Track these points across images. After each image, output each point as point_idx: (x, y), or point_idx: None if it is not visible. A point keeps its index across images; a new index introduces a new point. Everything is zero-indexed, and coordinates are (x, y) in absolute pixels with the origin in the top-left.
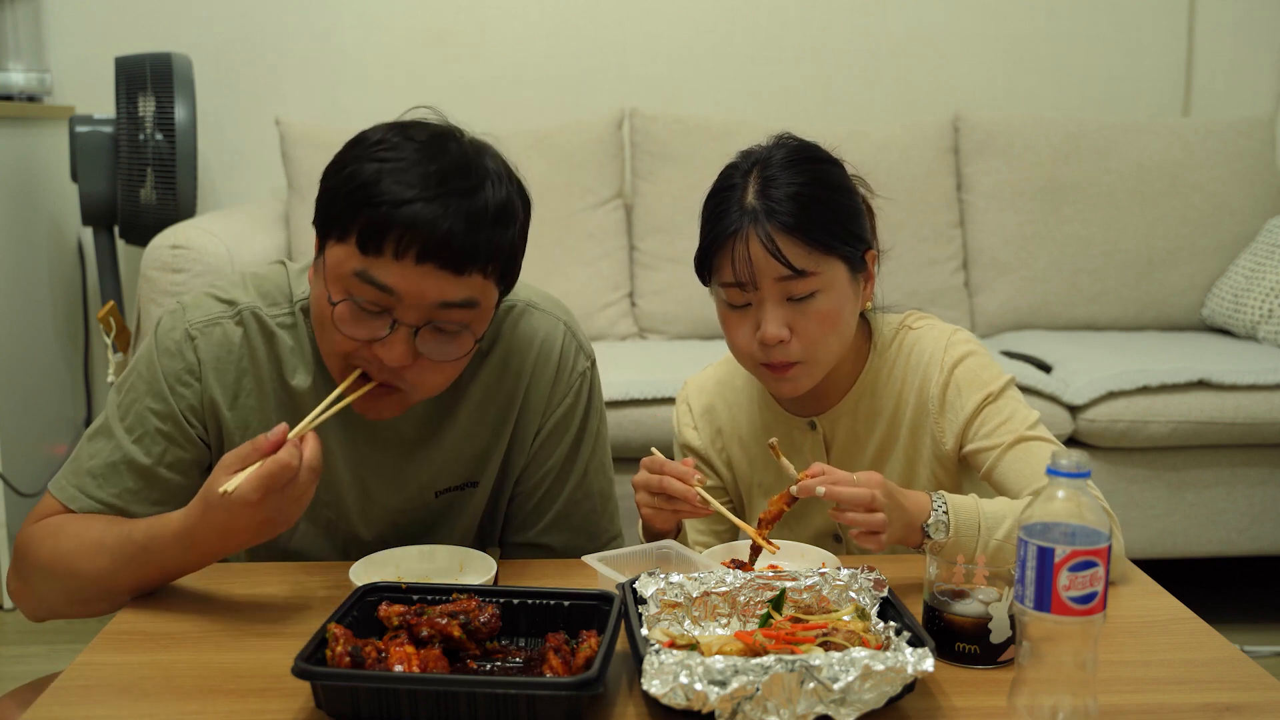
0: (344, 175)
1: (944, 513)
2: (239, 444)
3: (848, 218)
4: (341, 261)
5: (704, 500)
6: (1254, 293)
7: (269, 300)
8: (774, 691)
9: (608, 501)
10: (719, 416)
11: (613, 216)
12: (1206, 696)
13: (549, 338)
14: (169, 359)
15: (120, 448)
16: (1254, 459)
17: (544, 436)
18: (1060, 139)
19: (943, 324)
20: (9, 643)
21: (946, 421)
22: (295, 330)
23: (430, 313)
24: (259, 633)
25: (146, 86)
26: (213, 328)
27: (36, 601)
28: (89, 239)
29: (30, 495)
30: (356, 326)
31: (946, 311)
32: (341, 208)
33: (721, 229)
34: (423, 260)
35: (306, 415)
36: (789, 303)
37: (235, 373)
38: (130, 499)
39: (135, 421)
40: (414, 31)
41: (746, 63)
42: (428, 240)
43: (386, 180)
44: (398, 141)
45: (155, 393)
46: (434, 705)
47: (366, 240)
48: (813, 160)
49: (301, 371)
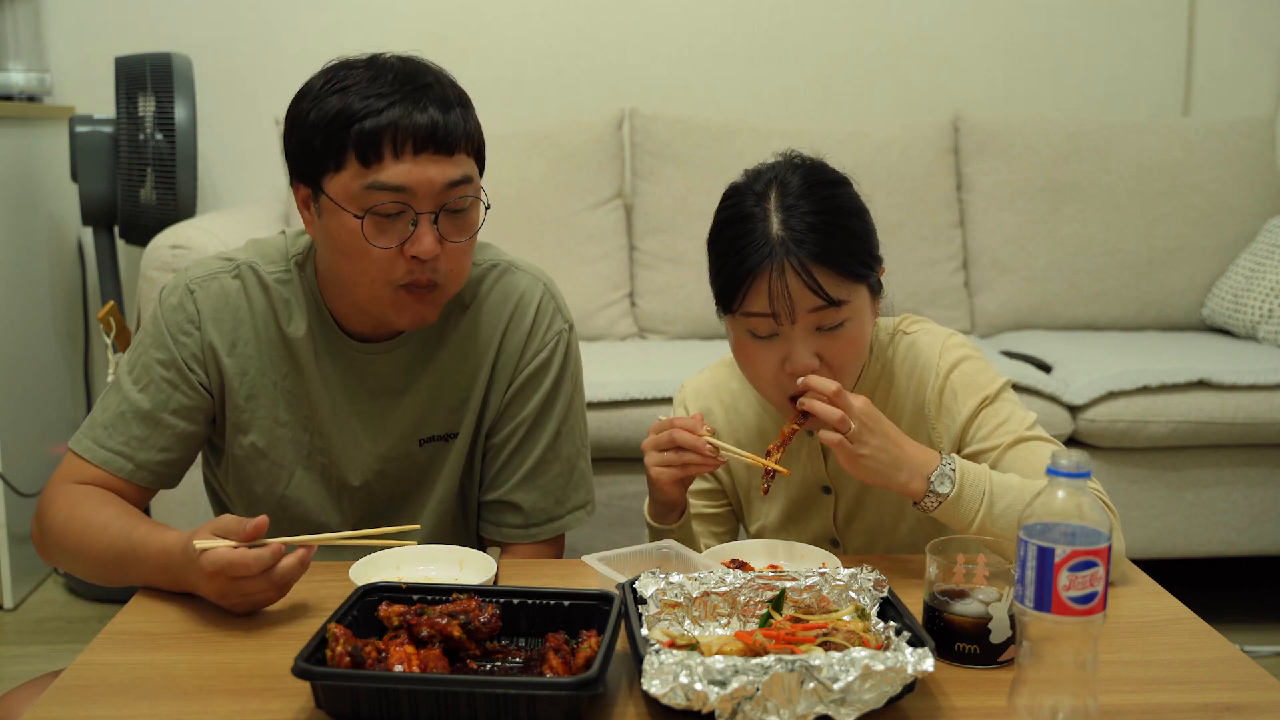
0: (311, 120)
1: (951, 469)
2: (238, 390)
3: (869, 241)
4: (347, 184)
5: (714, 449)
6: (1254, 293)
7: (267, 259)
8: (774, 691)
9: (576, 467)
10: (716, 419)
11: (613, 216)
12: (1206, 696)
13: (527, 294)
14: (171, 311)
15: (127, 398)
16: (1254, 459)
17: (516, 389)
18: (1060, 139)
19: (938, 328)
20: (9, 643)
21: (943, 425)
22: (291, 285)
23: (440, 197)
24: (259, 633)
25: (146, 86)
26: (210, 281)
27: (51, 556)
28: (89, 239)
29: (30, 495)
30: (384, 237)
31: (946, 312)
32: (326, 143)
33: (750, 261)
34: (420, 150)
35: (303, 364)
36: (817, 331)
37: (233, 322)
38: (138, 446)
39: (141, 372)
40: (414, 31)
41: (746, 63)
42: (417, 132)
43: (356, 101)
44: (343, 74)
45: (159, 343)
46: (434, 705)
47: (366, 153)
48: (829, 184)
49: (297, 319)
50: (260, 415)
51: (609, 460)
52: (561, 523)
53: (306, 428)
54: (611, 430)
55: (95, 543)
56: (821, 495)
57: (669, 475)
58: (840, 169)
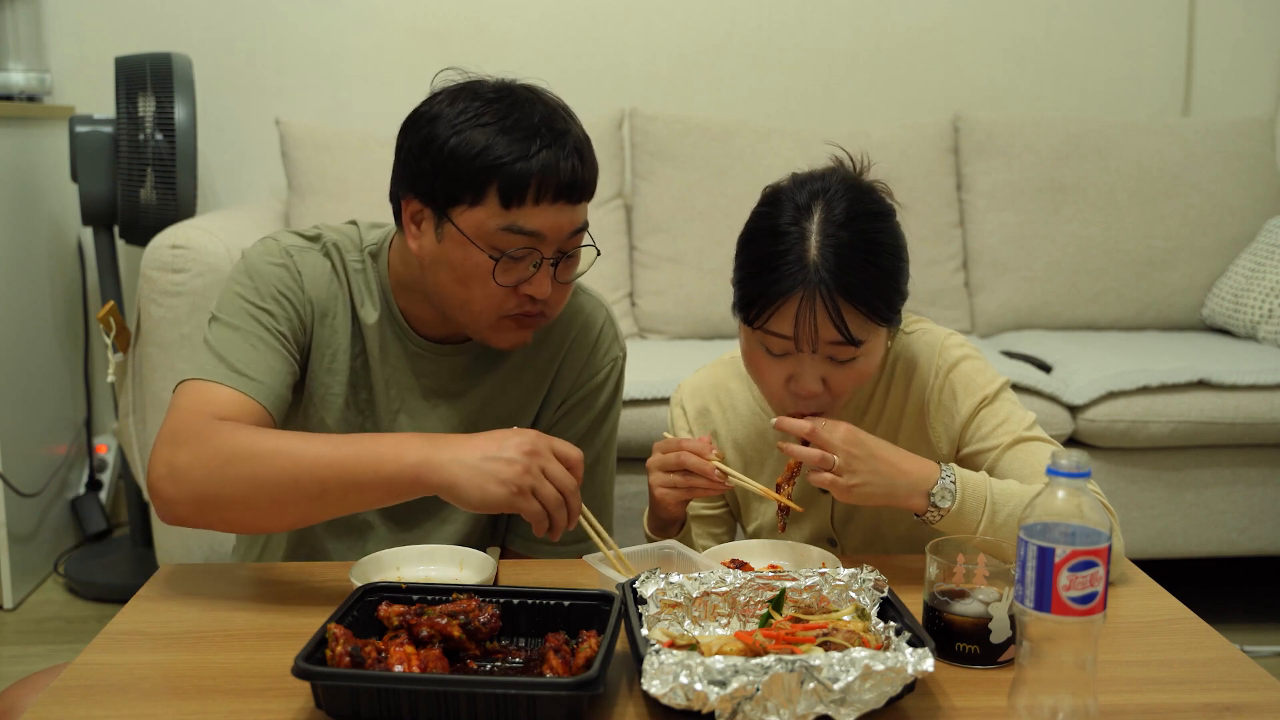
0: (451, 148)
1: (951, 482)
2: (323, 358)
3: (899, 281)
4: (482, 221)
5: (722, 474)
6: (1254, 293)
7: (345, 245)
8: (774, 691)
9: (606, 496)
10: (714, 419)
11: (613, 216)
12: (1206, 696)
13: (592, 316)
14: (272, 269)
15: (247, 333)
16: (1254, 459)
17: (568, 408)
18: (1060, 139)
19: (936, 327)
20: (9, 643)
21: (942, 425)
22: (364, 274)
23: (563, 244)
24: (259, 633)
25: (146, 86)
26: (306, 252)
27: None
28: (89, 239)
29: (30, 495)
30: (508, 275)
31: (946, 312)
32: (470, 173)
33: (783, 284)
34: (558, 199)
35: (370, 351)
36: (829, 360)
37: (327, 294)
38: (273, 376)
39: (248, 318)
40: (414, 31)
41: (746, 63)
42: (560, 181)
43: (501, 141)
44: (478, 107)
45: (261, 296)
46: (434, 705)
47: (509, 196)
48: (874, 216)
49: (369, 306)
50: (334, 391)
51: None
52: (585, 545)
53: (364, 411)
54: None
55: (299, 460)
56: (819, 494)
57: (674, 496)
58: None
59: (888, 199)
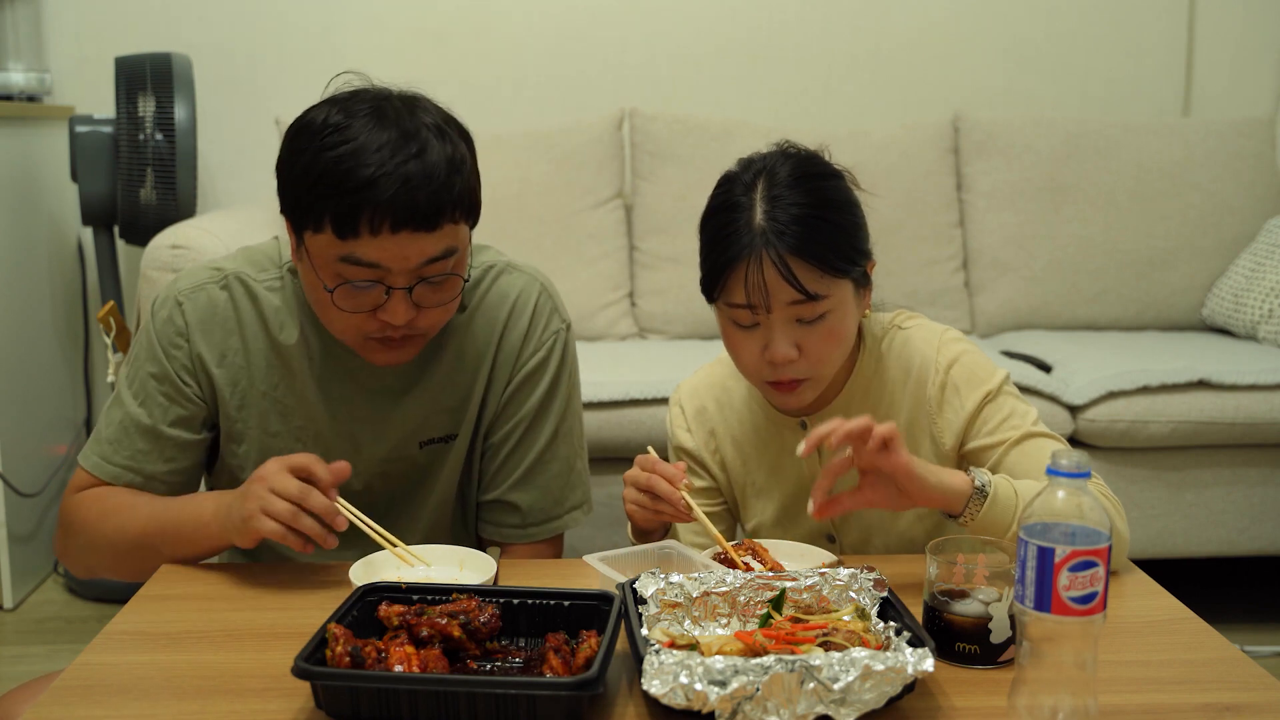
0: (301, 168)
1: (986, 475)
2: (229, 400)
3: (855, 236)
4: (323, 249)
5: (688, 506)
6: (1254, 293)
7: (258, 267)
8: (774, 691)
9: (574, 467)
10: (712, 418)
11: (613, 216)
12: (1206, 696)
13: (524, 294)
14: (161, 325)
15: (128, 412)
16: (1254, 459)
17: (514, 388)
18: (1060, 139)
19: (932, 323)
20: (9, 643)
21: (945, 421)
22: (283, 292)
23: (417, 272)
24: (259, 633)
25: (146, 86)
26: (198, 293)
27: (80, 557)
28: (89, 239)
29: (30, 495)
30: (355, 302)
31: (946, 312)
32: (309, 200)
33: (732, 251)
34: (398, 229)
35: (297, 371)
36: (797, 323)
37: (221, 333)
38: (143, 459)
39: (139, 387)
40: (414, 31)
41: (746, 63)
42: (398, 211)
43: (344, 165)
44: (342, 123)
45: (152, 357)
46: (434, 705)
47: (342, 226)
48: (819, 176)
49: (289, 327)
50: (251, 426)
51: (608, 460)
52: (559, 522)
53: (299, 438)
54: (611, 430)
55: (129, 522)
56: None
57: (641, 515)
58: (838, 165)
59: (834, 166)
